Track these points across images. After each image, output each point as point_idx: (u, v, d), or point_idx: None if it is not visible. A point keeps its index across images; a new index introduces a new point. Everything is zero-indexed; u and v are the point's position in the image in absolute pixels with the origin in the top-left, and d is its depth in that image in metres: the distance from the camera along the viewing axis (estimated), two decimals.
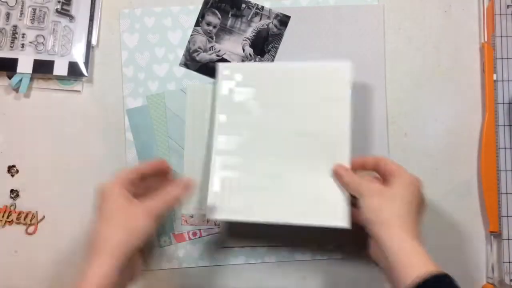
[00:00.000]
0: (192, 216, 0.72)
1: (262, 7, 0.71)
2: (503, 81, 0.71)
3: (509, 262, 0.69)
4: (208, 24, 0.72)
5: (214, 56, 0.72)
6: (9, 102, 0.74)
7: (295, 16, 0.73)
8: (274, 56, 0.72)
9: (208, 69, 0.72)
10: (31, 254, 0.72)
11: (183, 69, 0.73)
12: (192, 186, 0.62)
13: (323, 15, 0.73)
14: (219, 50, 0.72)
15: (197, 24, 0.72)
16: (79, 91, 0.74)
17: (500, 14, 0.72)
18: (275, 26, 0.72)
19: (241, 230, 0.72)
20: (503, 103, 0.71)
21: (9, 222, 0.72)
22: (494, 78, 0.71)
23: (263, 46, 0.72)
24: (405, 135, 0.73)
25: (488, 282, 0.71)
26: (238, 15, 0.72)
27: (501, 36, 0.72)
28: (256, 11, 0.72)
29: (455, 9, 0.75)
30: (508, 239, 0.69)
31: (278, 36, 0.72)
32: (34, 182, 0.73)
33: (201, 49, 0.71)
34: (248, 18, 0.72)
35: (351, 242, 0.70)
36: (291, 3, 0.73)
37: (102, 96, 0.74)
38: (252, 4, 0.71)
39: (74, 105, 0.74)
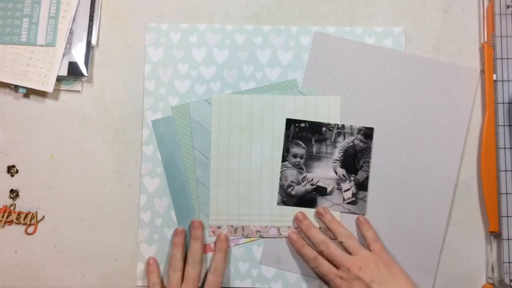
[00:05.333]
0: (219, 227, 0.71)
1: (343, 125, 0.71)
2: (503, 81, 0.71)
3: (509, 262, 0.69)
4: (295, 156, 0.71)
5: (308, 187, 0.71)
6: (9, 102, 0.74)
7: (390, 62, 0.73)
8: (367, 171, 0.71)
9: (306, 201, 0.71)
10: (31, 254, 0.72)
11: (205, 87, 0.73)
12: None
13: (411, 64, 0.73)
14: (312, 179, 0.71)
15: (284, 159, 0.71)
16: (79, 91, 0.74)
17: (500, 14, 0.72)
18: (361, 141, 0.71)
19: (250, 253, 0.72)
20: (503, 103, 0.71)
21: (8, 222, 0.72)
22: (494, 78, 0.71)
23: (354, 163, 0.71)
24: None
25: (488, 282, 0.71)
26: (321, 140, 0.71)
27: (501, 36, 0.72)
28: (338, 131, 0.71)
29: (455, 9, 0.75)
30: (508, 239, 0.69)
31: (366, 150, 0.71)
32: (34, 182, 0.73)
33: (294, 182, 0.71)
34: (332, 140, 0.71)
35: None
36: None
37: (102, 96, 0.74)
38: (332, 125, 0.70)
39: (74, 105, 0.74)
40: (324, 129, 0.72)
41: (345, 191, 0.71)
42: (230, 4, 0.75)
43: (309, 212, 0.71)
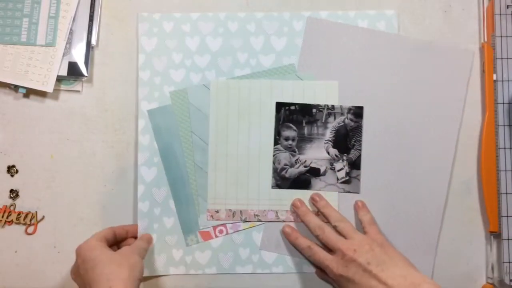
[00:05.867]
0: (217, 211, 0.72)
1: (333, 106, 0.71)
2: (503, 81, 0.71)
3: (509, 262, 0.69)
4: (287, 139, 0.72)
5: (302, 168, 0.71)
6: (9, 102, 0.74)
7: (383, 45, 0.73)
8: (359, 150, 0.71)
9: (300, 183, 0.72)
10: (31, 254, 0.72)
11: (200, 75, 0.73)
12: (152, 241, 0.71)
13: (406, 47, 0.73)
14: (305, 161, 0.71)
15: (276, 142, 0.72)
16: (79, 91, 0.74)
17: (500, 14, 0.72)
18: (351, 120, 0.71)
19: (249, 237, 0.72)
20: (503, 103, 0.71)
21: (8, 222, 0.72)
22: (494, 78, 0.71)
23: (346, 142, 0.72)
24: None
25: (488, 282, 0.71)
26: (312, 121, 0.72)
27: (501, 36, 0.72)
28: (328, 112, 0.71)
29: (455, 9, 0.75)
30: (508, 239, 0.69)
31: (357, 129, 0.71)
32: (33, 182, 0.73)
33: (287, 165, 0.71)
34: (323, 121, 0.71)
35: None
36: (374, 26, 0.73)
37: (102, 96, 0.74)
38: (322, 106, 0.71)
39: (74, 105, 0.74)
40: (314, 110, 0.72)
41: (338, 170, 0.72)
42: (230, 3, 0.75)
43: (305, 194, 0.71)
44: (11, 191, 0.73)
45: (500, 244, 0.70)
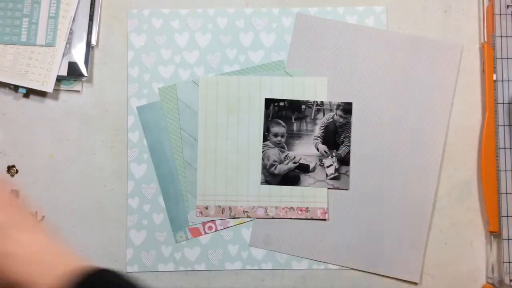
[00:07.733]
0: (207, 208, 0.72)
1: (322, 102, 0.71)
2: (503, 81, 0.71)
3: (509, 262, 0.69)
4: (275, 135, 0.72)
5: (291, 165, 0.72)
6: (9, 102, 0.74)
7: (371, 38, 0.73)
8: (349, 146, 0.72)
9: (289, 179, 0.72)
10: None
11: (189, 71, 0.73)
12: None
13: (398, 43, 0.73)
14: (294, 157, 0.72)
15: (265, 139, 0.72)
16: (79, 91, 0.74)
17: (500, 14, 0.72)
18: (340, 116, 0.72)
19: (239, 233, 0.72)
20: (503, 103, 0.71)
21: None
22: (494, 78, 0.71)
23: (335, 139, 0.72)
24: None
25: (488, 282, 0.71)
26: (301, 117, 0.72)
27: (501, 36, 0.72)
28: (317, 108, 0.72)
29: (455, 9, 0.75)
30: (508, 239, 0.69)
31: (347, 125, 0.72)
32: (33, 182, 0.73)
33: (276, 161, 0.71)
34: (312, 117, 0.72)
35: (349, 251, 0.71)
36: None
37: (102, 96, 0.74)
38: (311, 102, 0.71)
39: (74, 105, 0.74)
40: (303, 106, 0.72)
41: (327, 167, 0.72)
42: (229, 3, 0.75)
43: (294, 190, 0.72)
44: (11, 191, 0.73)
45: (500, 244, 0.70)
